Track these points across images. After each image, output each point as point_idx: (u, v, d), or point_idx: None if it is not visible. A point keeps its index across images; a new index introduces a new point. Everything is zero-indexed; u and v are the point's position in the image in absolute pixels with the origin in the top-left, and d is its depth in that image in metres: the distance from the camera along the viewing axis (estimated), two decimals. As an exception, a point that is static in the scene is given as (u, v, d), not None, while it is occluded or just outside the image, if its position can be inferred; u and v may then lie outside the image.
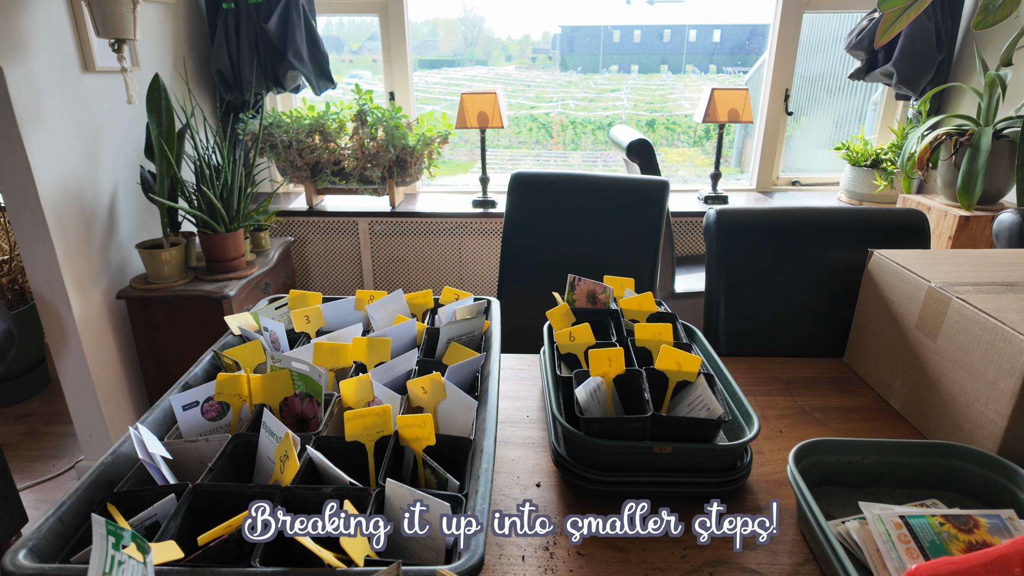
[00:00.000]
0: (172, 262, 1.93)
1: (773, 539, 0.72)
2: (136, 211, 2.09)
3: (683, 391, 0.84)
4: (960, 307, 0.85)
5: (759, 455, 0.87)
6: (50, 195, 1.71)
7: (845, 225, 1.21)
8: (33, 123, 1.66)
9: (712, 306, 1.24)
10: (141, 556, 0.46)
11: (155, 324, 1.96)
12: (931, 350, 0.91)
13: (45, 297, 1.79)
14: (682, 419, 0.75)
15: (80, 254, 1.83)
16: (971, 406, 0.83)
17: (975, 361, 0.82)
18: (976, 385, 0.82)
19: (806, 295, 1.20)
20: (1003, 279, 0.93)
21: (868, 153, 2.68)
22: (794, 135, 3.19)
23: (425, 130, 2.50)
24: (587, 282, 1.06)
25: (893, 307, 1.00)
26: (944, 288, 0.89)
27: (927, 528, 0.65)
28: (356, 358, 0.88)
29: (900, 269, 0.99)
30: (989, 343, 0.80)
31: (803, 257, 1.20)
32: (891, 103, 2.88)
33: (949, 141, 2.08)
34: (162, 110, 1.80)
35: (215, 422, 0.78)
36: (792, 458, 0.74)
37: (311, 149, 2.45)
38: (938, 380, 0.89)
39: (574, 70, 5.44)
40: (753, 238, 1.22)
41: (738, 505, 0.78)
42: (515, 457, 0.88)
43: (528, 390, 1.06)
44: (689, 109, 4.24)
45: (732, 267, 1.22)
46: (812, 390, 1.05)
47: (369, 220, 2.66)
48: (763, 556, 0.70)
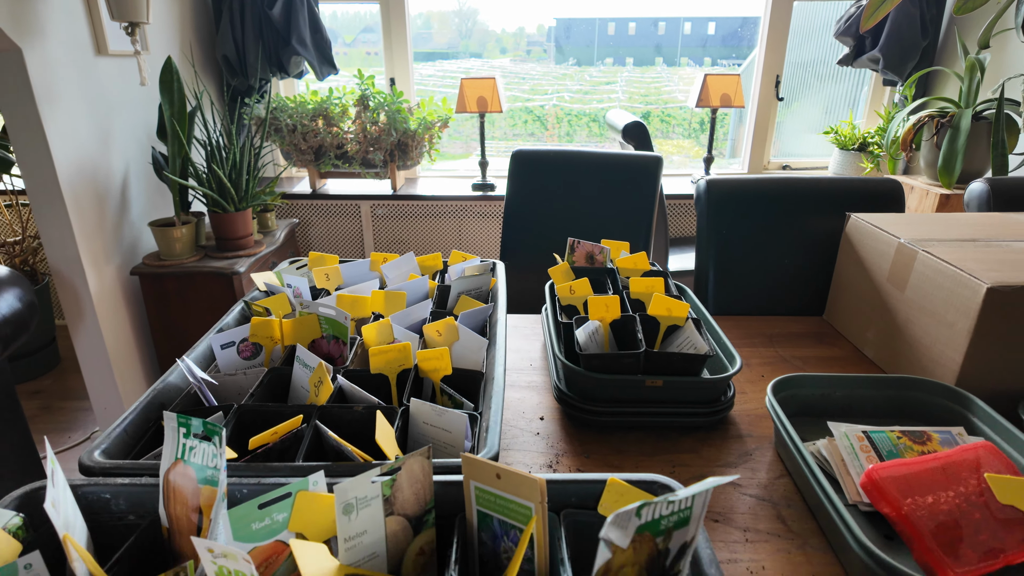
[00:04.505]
0: (184, 240, 2.00)
1: (752, 460, 0.81)
2: (147, 191, 2.16)
3: (673, 334, 0.93)
4: (925, 259, 0.94)
5: (742, 394, 0.96)
6: (67, 174, 1.78)
7: (826, 194, 1.29)
8: (50, 104, 1.72)
9: (702, 270, 1.32)
10: (213, 438, 0.53)
11: (167, 299, 2.03)
12: (900, 300, 0.99)
13: (63, 273, 1.86)
14: (672, 354, 0.84)
15: (95, 232, 1.90)
16: (933, 347, 0.92)
17: (937, 307, 0.91)
18: (938, 328, 0.91)
19: (790, 259, 1.28)
20: (966, 236, 1.01)
21: (856, 137, 2.76)
22: (785, 121, 3.27)
23: (426, 114, 2.57)
24: (585, 244, 1.14)
25: (867, 264, 1.09)
26: (912, 243, 0.98)
27: (886, 441, 0.74)
28: (375, 309, 0.96)
29: (874, 229, 1.07)
30: (950, 289, 0.88)
31: (787, 224, 1.29)
32: (879, 89, 2.96)
33: (931, 123, 2.16)
34: (174, 91, 1.87)
35: (249, 361, 0.86)
36: (770, 390, 0.82)
37: (315, 133, 2.52)
38: (905, 327, 0.98)
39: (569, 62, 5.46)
40: (741, 206, 1.30)
41: (722, 435, 0.87)
42: (520, 398, 0.96)
43: (531, 344, 1.14)
44: (684, 101, 4.29)
45: (721, 233, 1.30)
46: (793, 342, 1.14)
47: (371, 203, 2.73)
48: (744, 472, 0.79)
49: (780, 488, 0.76)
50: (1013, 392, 0.86)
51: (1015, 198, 1.32)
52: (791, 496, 0.75)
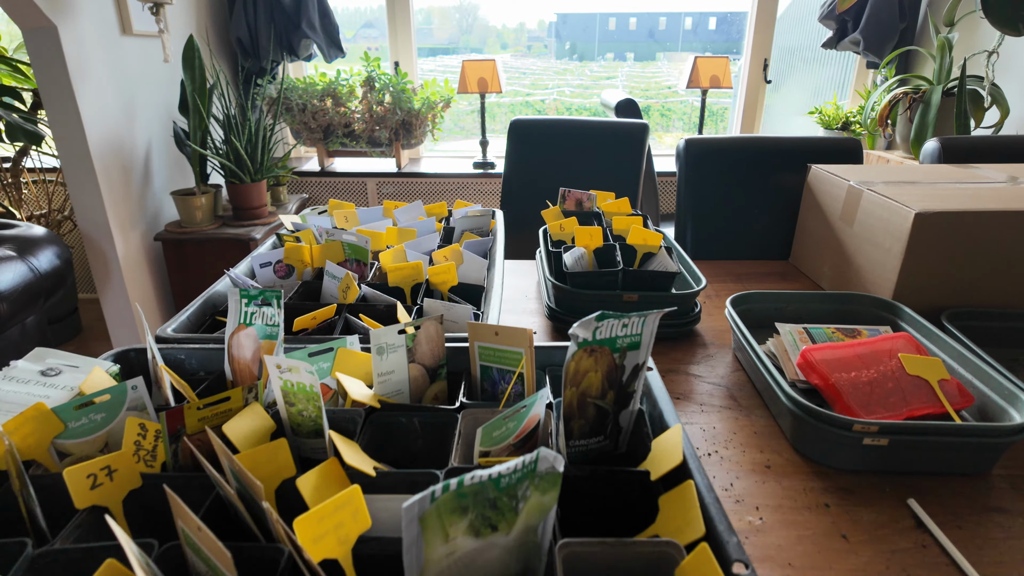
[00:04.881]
0: (204, 208, 2.14)
1: (713, 360, 0.95)
2: (168, 164, 2.30)
3: (647, 261, 1.07)
4: (869, 196, 1.08)
5: (708, 316, 1.10)
6: (97, 146, 1.92)
7: (794, 150, 1.43)
8: (82, 79, 1.86)
9: (682, 221, 1.46)
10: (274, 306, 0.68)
11: (188, 264, 2.17)
12: (849, 235, 1.13)
13: (92, 238, 2.00)
14: (646, 272, 0.98)
15: (122, 200, 2.04)
16: (874, 271, 1.06)
17: (877, 236, 1.05)
18: (877, 253, 1.05)
19: (760, 209, 1.42)
20: (907, 179, 1.15)
21: (839, 117, 2.90)
22: (773, 104, 3.40)
23: (429, 95, 2.71)
24: (575, 192, 1.28)
25: (824, 207, 1.22)
26: (859, 184, 1.12)
27: (822, 334, 0.88)
28: (389, 242, 1.10)
29: (829, 175, 1.21)
30: (887, 219, 1.02)
31: (758, 178, 1.43)
32: (863, 72, 3.09)
33: (905, 99, 2.30)
34: (195, 68, 2.01)
35: (283, 280, 1.00)
36: (729, 303, 0.96)
37: (323, 112, 2.66)
38: (853, 257, 1.12)
39: (569, 57, 5.53)
40: (716, 162, 1.44)
41: (689, 343, 1.01)
42: (515, 321, 1.10)
43: (526, 281, 1.28)
44: (684, 96, 4.38)
45: (698, 187, 1.44)
46: (759, 281, 1.27)
47: (377, 180, 2.87)
48: (704, 369, 0.93)
49: (734, 379, 0.90)
50: (938, 307, 1.00)
51: (962, 154, 1.46)
52: (743, 383, 0.89)
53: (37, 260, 1.67)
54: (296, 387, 0.57)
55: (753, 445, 0.76)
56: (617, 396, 0.60)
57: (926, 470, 0.70)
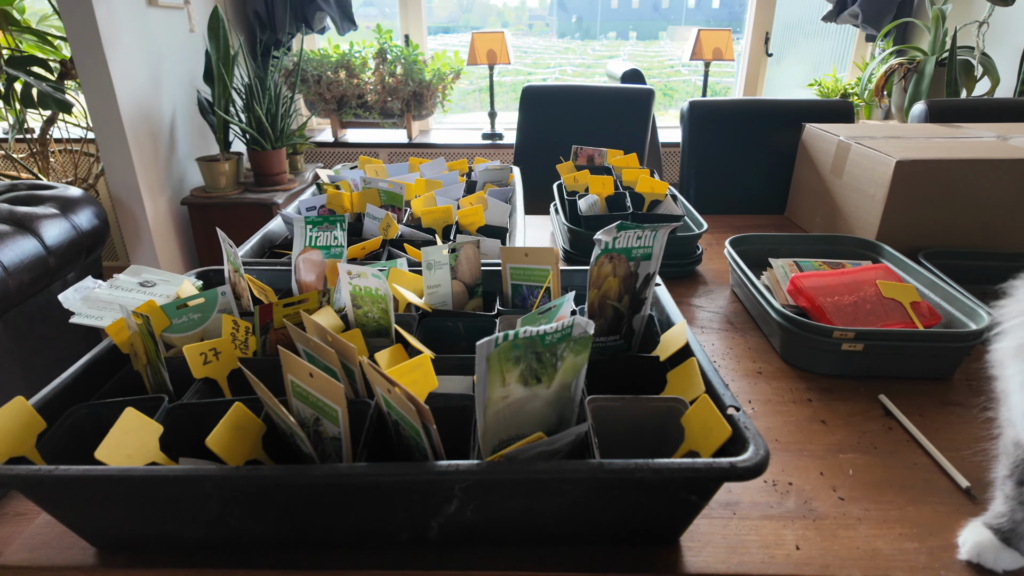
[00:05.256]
0: (228, 174, 2.24)
1: (713, 295, 1.06)
2: (191, 132, 2.39)
3: (654, 207, 1.17)
4: (857, 149, 1.18)
5: (708, 260, 1.21)
6: (127, 112, 2.01)
7: (791, 112, 1.53)
8: (113, 49, 1.95)
9: (685, 179, 1.57)
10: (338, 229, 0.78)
11: (213, 227, 2.28)
12: (838, 185, 1.24)
13: (123, 201, 2.11)
14: (653, 215, 1.08)
15: (151, 165, 2.14)
16: (859, 217, 1.16)
17: (864, 184, 1.15)
18: (862, 200, 1.15)
19: (758, 167, 1.52)
20: (893, 135, 1.25)
21: (838, 89, 2.98)
22: (775, 77, 3.48)
23: (440, 66, 2.79)
24: (587, 149, 1.38)
25: (816, 162, 1.33)
26: (848, 139, 1.22)
27: (811, 266, 0.98)
28: (417, 192, 1.21)
29: (822, 132, 1.31)
30: (872, 168, 1.13)
31: (757, 138, 1.53)
32: (862, 45, 3.17)
33: (900, 70, 2.38)
34: (220, 37, 2.09)
35: (325, 223, 1.10)
36: (728, 243, 1.07)
37: (337, 83, 2.74)
38: (842, 206, 1.22)
39: (571, 36, 5.54)
40: (718, 123, 1.54)
41: (691, 281, 1.12)
42: (534, 263, 1.21)
43: (541, 233, 1.38)
44: (687, 75, 4.41)
45: (701, 147, 1.54)
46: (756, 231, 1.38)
47: (388, 151, 2.96)
48: (704, 301, 1.04)
49: (731, 308, 1.01)
50: (917, 248, 1.11)
51: (947, 116, 1.56)
52: (739, 312, 1.00)
53: (78, 218, 1.77)
54: (363, 291, 0.68)
55: (747, 357, 0.87)
56: (631, 301, 0.71)
57: (896, 374, 0.81)
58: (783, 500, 0.60)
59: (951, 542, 0.55)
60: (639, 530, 0.53)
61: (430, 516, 0.50)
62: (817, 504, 0.60)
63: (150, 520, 0.50)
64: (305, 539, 0.53)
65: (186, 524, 0.51)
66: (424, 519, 0.50)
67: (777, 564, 0.53)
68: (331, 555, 0.53)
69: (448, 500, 0.49)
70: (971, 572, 0.52)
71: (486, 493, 0.48)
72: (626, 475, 0.46)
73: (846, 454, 0.67)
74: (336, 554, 0.53)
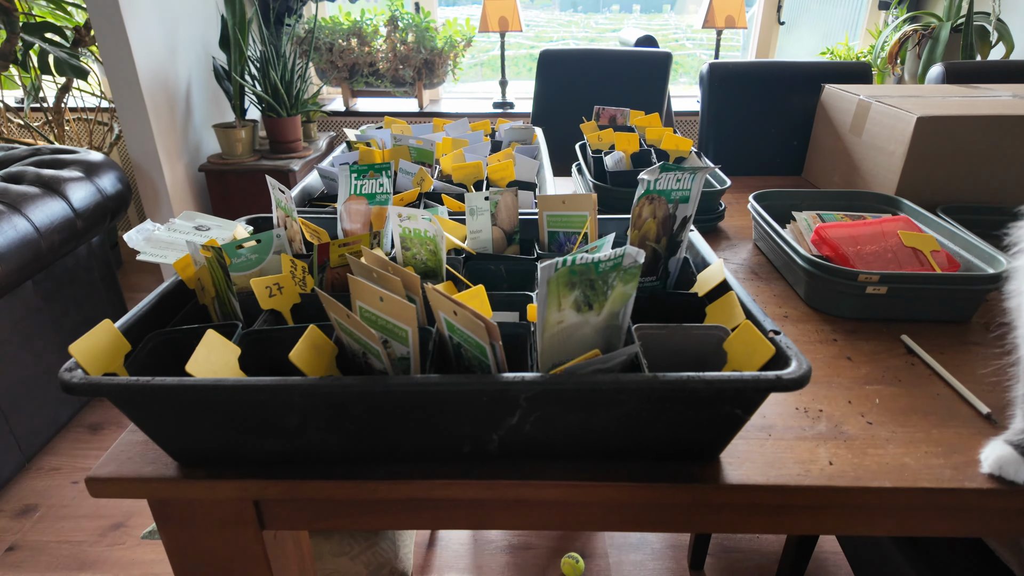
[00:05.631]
0: (244, 141, 2.26)
1: (736, 248, 1.09)
2: (207, 100, 2.40)
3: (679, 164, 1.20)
4: (877, 107, 1.20)
5: (730, 216, 1.24)
6: (145, 78, 2.03)
7: (809, 73, 1.54)
8: (131, 13, 1.96)
9: (704, 141, 1.59)
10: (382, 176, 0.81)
11: (229, 193, 2.30)
12: (858, 144, 1.26)
13: (143, 167, 2.13)
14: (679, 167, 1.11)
15: (168, 131, 2.16)
16: (879, 174, 1.19)
17: (883, 142, 1.18)
18: (882, 157, 1.18)
19: (777, 127, 1.54)
20: (912, 94, 1.27)
21: (850, 56, 2.97)
22: (786, 45, 3.46)
23: (451, 33, 2.79)
24: (609, 109, 1.40)
25: (835, 122, 1.35)
26: (868, 98, 1.24)
27: (833, 218, 1.01)
28: (444, 151, 1.23)
29: (842, 92, 1.33)
30: (891, 126, 1.15)
31: (776, 99, 1.54)
32: (874, 12, 3.15)
33: (914, 36, 2.38)
34: (236, 3, 2.10)
35: (358, 179, 1.13)
36: (752, 198, 1.10)
37: (350, 51, 2.74)
38: (861, 164, 1.25)
39: (574, 9, 5.47)
40: (737, 85, 1.55)
41: (715, 236, 1.15)
42: (559, 220, 1.24)
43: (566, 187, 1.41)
44: (692, 49, 4.36)
45: (721, 108, 1.56)
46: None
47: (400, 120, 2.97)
48: (728, 254, 1.07)
49: (756, 260, 1.05)
50: (936, 203, 1.13)
51: (965, 77, 1.57)
52: (763, 263, 1.03)
53: (101, 182, 1.80)
54: (413, 233, 0.72)
55: (772, 303, 0.91)
56: (668, 243, 0.74)
57: (918, 317, 0.85)
58: (815, 424, 0.64)
59: (974, 459, 0.59)
60: (684, 447, 0.57)
61: (493, 428, 0.54)
62: (847, 427, 0.64)
63: (231, 432, 0.54)
64: (374, 452, 0.57)
65: (265, 436, 0.55)
66: (487, 431, 0.54)
67: (812, 476, 0.57)
68: (398, 468, 0.57)
69: (512, 412, 0.52)
70: (993, 483, 0.56)
71: (548, 404, 0.52)
72: (679, 385, 0.50)
73: (872, 386, 0.71)
74: (402, 467, 0.57)
